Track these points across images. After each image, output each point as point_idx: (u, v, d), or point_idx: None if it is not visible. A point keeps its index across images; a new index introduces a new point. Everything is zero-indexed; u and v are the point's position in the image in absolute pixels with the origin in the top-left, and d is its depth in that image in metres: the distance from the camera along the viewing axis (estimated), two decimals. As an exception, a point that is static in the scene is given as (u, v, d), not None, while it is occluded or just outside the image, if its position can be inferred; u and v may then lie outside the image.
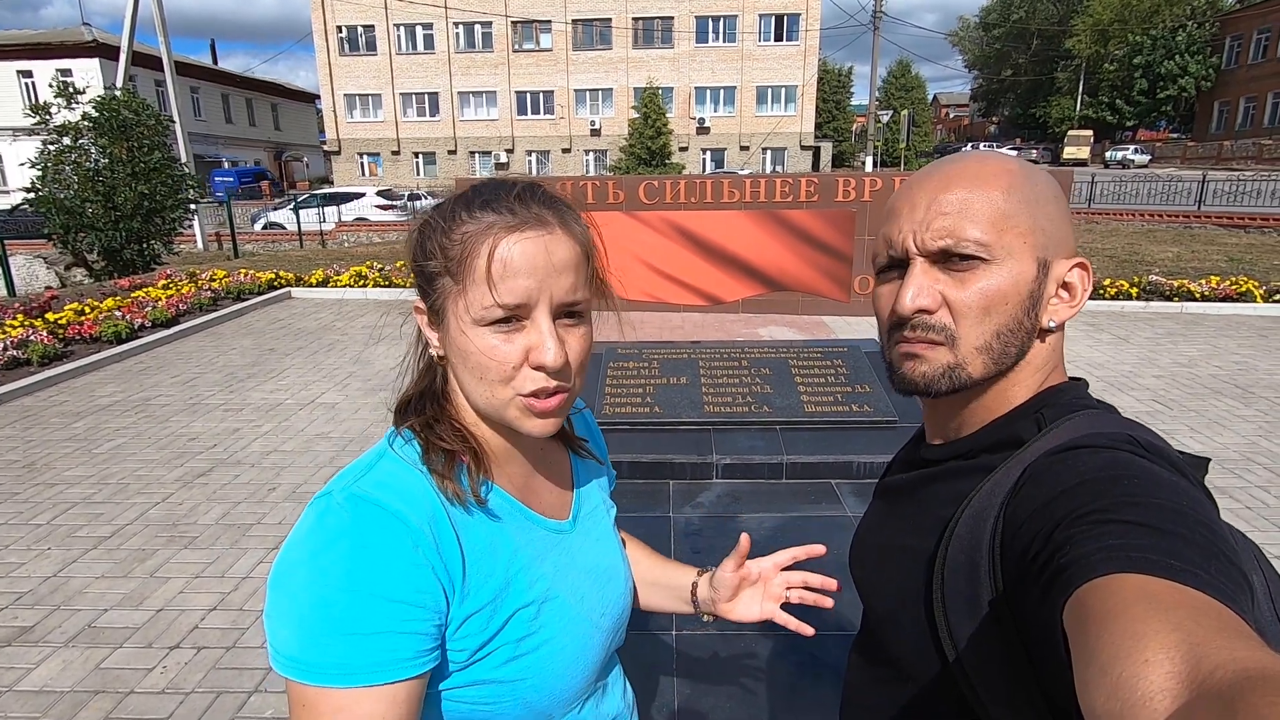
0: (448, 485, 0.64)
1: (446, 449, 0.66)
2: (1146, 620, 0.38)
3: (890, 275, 0.67)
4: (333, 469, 4.09)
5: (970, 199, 0.62)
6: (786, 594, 0.90)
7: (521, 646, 0.66)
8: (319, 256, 12.39)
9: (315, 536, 0.59)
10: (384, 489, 0.61)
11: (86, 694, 2.38)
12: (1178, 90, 38.93)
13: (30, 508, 3.68)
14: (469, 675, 0.64)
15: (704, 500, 3.05)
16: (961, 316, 0.62)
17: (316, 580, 0.57)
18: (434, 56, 33.87)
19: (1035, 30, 47.09)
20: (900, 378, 0.66)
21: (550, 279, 0.62)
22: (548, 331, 0.62)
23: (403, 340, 0.78)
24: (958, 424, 0.69)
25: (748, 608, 0.89)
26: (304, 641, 0.56)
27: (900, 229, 0.65)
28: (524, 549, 0.69)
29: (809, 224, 5.87)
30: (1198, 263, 10.05)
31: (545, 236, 0.62)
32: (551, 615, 0.69)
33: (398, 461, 0.65)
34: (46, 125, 10.84)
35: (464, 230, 0.62)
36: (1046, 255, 0.63)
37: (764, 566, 0.90)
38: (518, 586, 0.67)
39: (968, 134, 66.21)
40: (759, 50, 32.83)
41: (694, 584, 0.92)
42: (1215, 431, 4.46)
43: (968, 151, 0.67)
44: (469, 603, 0.63)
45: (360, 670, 0.56)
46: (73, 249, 11.21)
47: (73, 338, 6.60)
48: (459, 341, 0.63)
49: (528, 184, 0.65)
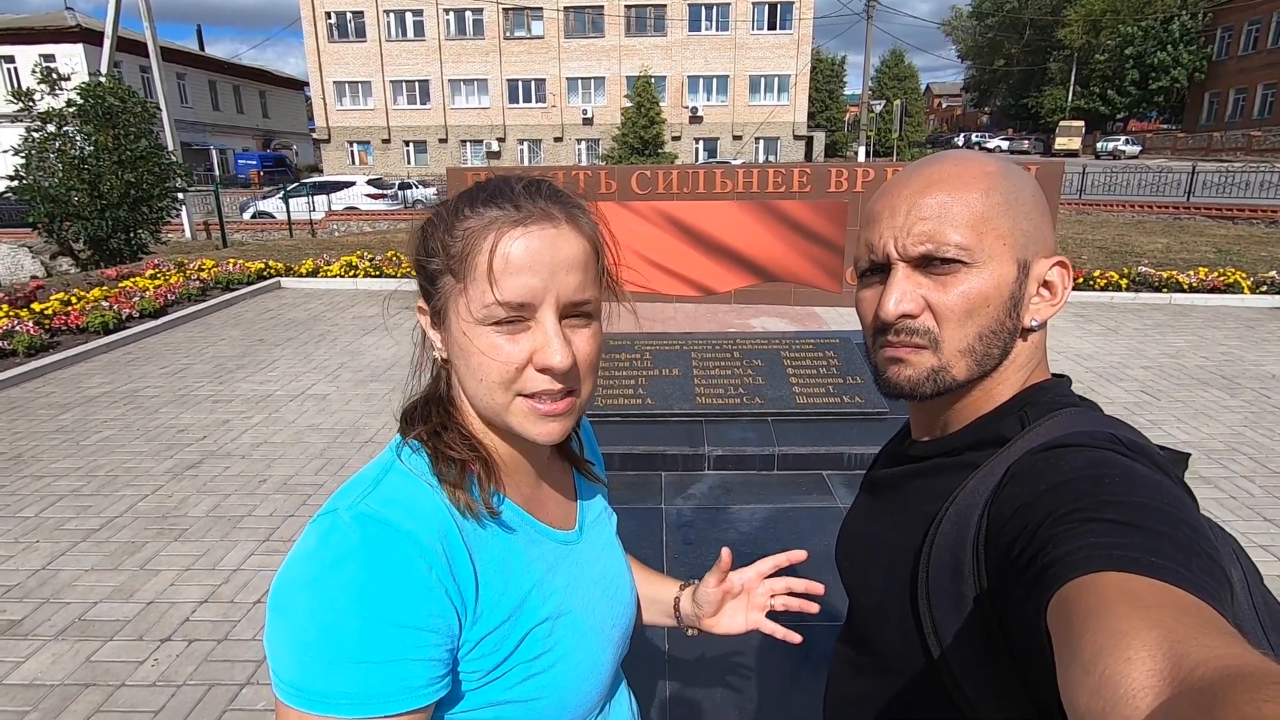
0: (460, 497, 0.62)
1: (456, 458, 0.64)
2: (1128, 618, 0.39)
3: (872, 280, 0.68)
4: (323, 461, 4.08)
5: (950, 202, 0.62)
6: (771, 602, 0.89)
7: (536, 665, 0.64)
8: (309, 246, 12.28)
9: (320, 558, 0.55)
10: (393, 506, 0.58)
11: (77, 687, 2.37)
12: (1169, 81, 39.04)
13: (17, 500, 3.65)
14: (482, 697, 0.62)
15: (696, 492, 3.06)
16: (944, 320, 0.63)
17: (323, 605, 0.53)
18: (424, 43, 33.53)
19: (1028, 20, 47.06)
20: (885, 382, 0.67)
21: (556, 277, 0.59)
22: (554, 332, 0.59)
23: (394, 331, 0.76)
24: (943, 422, 0.69)
25: (732, 620, 0.88)
26: (308, 669, 0.53)
27: (881, 234, 0.65)
28: (536, 563, 0.67)
29: (801, 215, 5.87)
30: (1186, 254, 10.12)
31: (551, 232, 0.60)
32: (565, 631, 0.67)
33: (406, 475, 0.62)
34: (30, 112, 10.66)
35: (466, 226, 0.60)
36: (1026, 255, 0.63)
37: (746, 578, 0.88)
38: (532, 604, 0.65)
39: (960, 124, 66.30)
40: (752, 39, 32.67)
41: (676, 598, 0.90)
42: (1201, 422, 4.51)
43: (946, 153, 0.67)
44: (482, 624, 0.60)
45: (370, 700, 0.53)
46: (58, 238, 11.07)
47: (59, 328, 6.54)
48: (460, 342, 0.61)
49: (534, 179, 0.63)
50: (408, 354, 0.72)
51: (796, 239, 5.95)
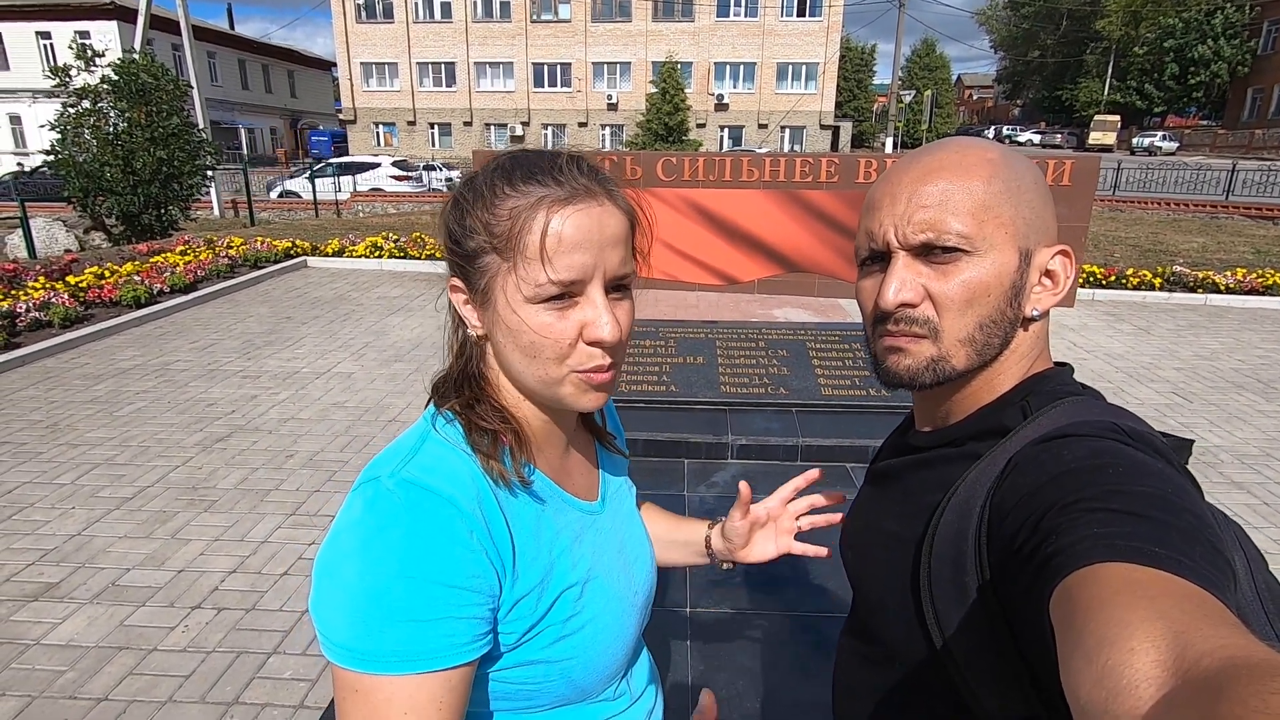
0: (494, 466, 0.63)
1: (489, 429, 0.65)
2: (1132, 608, 0.39)
3: (872, 268, 0.67)
4: (348, 438, 4.14)
5: (951, 190, 0.61)
6: (798, 524, 0.93)
7: (568, 627, 0.66)
8: (334, 226, 12.39)
9: (367, 522, 0.57)
10: (433, 473, 0.60)
11: (110, 650, 2.44)
12: (1210, 75, 37.86)
13: (54, 467, 3.75)
14: (517, 656, 0.64)
15: (719, 480, 3.06)
16: (944, 309, 0.62)
17: (371, 567, 0.55)
18: (451, 26, 33.47)
19: (1065, 10, 45.87)
20: (885, 371, 0.67)
21: (604, 253, 0.60)
22: (603, 306, 0.61)
23: (418, 312, 0.77)
24: (945, 412, 0.69)
25: (763, 548, 0.92)
26: (358, 630, 0.55)
27: (881, 222, 0.64)
28: (564, 531, 0.69)
29: (828, 205, 5.80)
30: (1224, 254, 9.86)
31: (597, 209, 0.61)
32: (593, 595, 0.69)
33: (442, 444, 0.64)
34: (66, 88, 10.83)
35: (511, 205, 0.59)
36: (1028, 244, 0.63)
37: (770, 506, 0.92)
38: (562, 568, 0.67)
39: (991, 116, 64.95)
40: (781, 26, 32.20)
41: (707, 537, 0.94)
42: (1235, 426, 4.41)
43: (948, 139, 0.66)
44: (519, 585, 0.62)
45: (418, 657, 0.55)
46: (91, 212, 11.26)
47: (93, 301, 6.67)
48: (509, 320, 0.61)
49: (571, 154, 0.64)
50: (431, 335, 0.73)
51: (822, 229, 5.88)
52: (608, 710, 0.73)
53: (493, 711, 0.67)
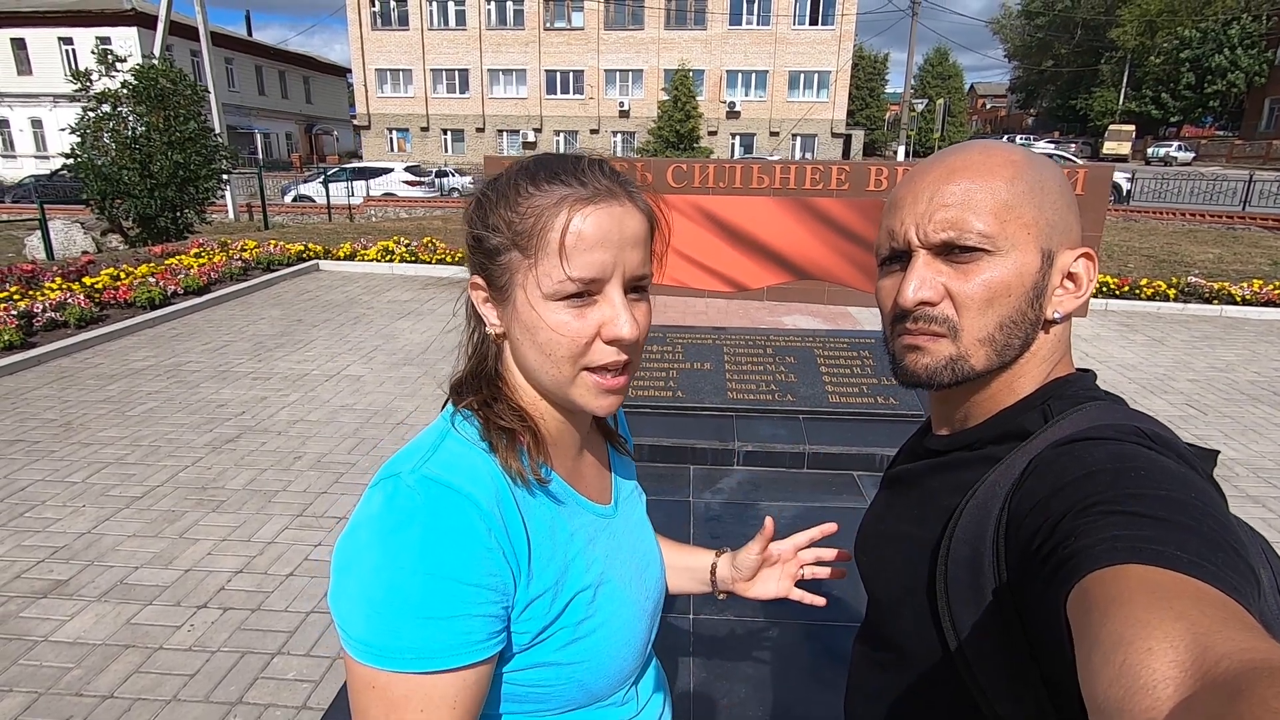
0: (511, 464, 0.63)
1: (507, 428, 0.65)
2: (1151, 609, 0.38)
3: (893, 267, 0.67)
4: (356, 440, 4.15)
5: (973, 190, 0.61)
6: (801, 571, 0.94)
7: (580, 629, 0.66)
8: (346, 230, 12.49)
9: (386, 519, 0.57)
10: (453, 471, 0.60)
11: (117, 647, 2.45)
12: (1226, 85, 37.52)
13: (66, 465, 3.78)
14: (530, 658, 0.64)
15: (725, 486, 3.04)
16: (964, 308, 0.62)
17: (390, 563, 0.56)
18: (465, 33, 33.76)
19: (1080, 20, 45.64)
20: (903, 370, 0.66)
21: (624, 252, 0.61)
22: (622, 305, 0.61)
23: (428, 316, 0.77)
24: (963, 415, 0.68)
25: (764, 586, 0.93)
26: (376, 625, 0.55)
27: (902, 221, 0.64)
28: (579, 533, 0.69)
29: (839, 213, 5.77)
30: (1240, 265, 9.75)
31: (618, 209, 0.61)
32: (605, 599, 0.69)
33: (461, 441, 0.64)
34: (87, 92, 11.00)
35: (534, 203, 0.60)
36: (1051, 246, 0.62)
37: (784, 549, 0.94)
38: (576, 570, 0.67)
39: (1004, 125, 64.70)
40: (793, 34, 32.25)
41: (713, 564, 0.95)
42: (1251, 439, 4.35)
43: (972, 141, 0.67)
44: (534, 586, 0.62)
45: (435, 654, 0.55)
46: (109, 215, 11.42)
47: (108, 302, 6.75)
48: (527, 317, 0.62)
49: (593, 157, 0.65)
50: (441, 339, 0.73)
51: (833, 237, 5.86)
52: (616, 715, 0.73)
53: (503, 714, 0.67)
